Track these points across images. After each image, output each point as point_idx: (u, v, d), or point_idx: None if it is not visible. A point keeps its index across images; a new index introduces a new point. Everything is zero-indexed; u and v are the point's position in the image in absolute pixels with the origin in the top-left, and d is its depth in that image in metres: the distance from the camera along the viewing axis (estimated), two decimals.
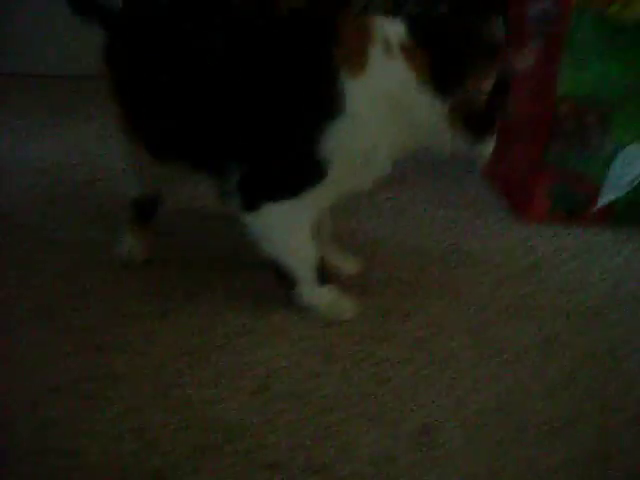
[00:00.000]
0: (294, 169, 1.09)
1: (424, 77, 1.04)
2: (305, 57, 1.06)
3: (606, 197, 1.60)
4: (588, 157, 1.56)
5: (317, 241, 1.17)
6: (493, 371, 1.07)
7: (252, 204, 1.11)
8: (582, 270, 1.41)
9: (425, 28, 1.07)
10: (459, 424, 0.95)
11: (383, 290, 1.28)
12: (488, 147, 1.12)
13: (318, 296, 1.18)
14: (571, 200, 1.61)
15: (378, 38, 1.05)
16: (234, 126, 1.10)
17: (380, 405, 0.98)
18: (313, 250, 1.15)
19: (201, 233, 1.49)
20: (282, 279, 1.17)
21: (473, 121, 1.06)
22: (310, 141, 1.04)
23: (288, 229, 1.13)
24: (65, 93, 2.60)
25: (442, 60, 1.04)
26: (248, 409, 0.96)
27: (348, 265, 1.32)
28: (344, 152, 1.05)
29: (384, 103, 1.05)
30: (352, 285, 1.26)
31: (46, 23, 2.83)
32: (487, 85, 1.04)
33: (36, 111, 2.32)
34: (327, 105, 1.04)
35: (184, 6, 1.17)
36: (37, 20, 2.88)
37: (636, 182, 1.59)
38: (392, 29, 1.06)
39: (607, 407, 1.01)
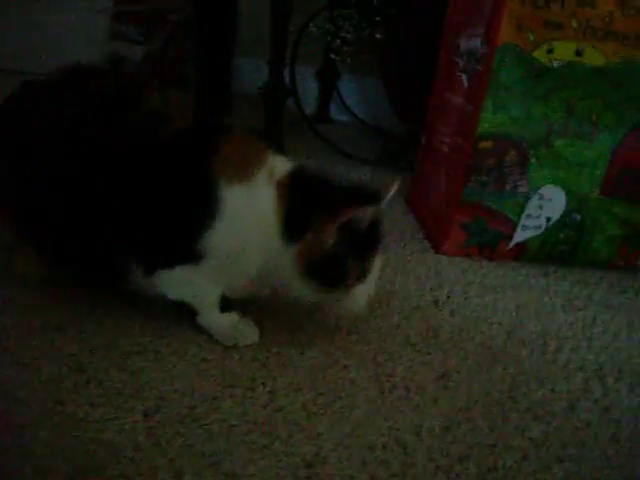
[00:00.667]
0: (173, 249, 1.12)
1: (280, 213, 1.10)
2: (185, 166, 1.11)
3: (520, 236, 1.64)
4: (505, 195, 1.60)
5: None
6: (387, 405, 1.08)
7: (147, 271, 1.14)
8: (489, 307, 1.43)
9: (303, 175, 1.14)
10: (345, 459, 0.95)
11: (284, 317, 1.28)
12: (354, 299, 1.16)
13: (216, 322, 1.18)
14: (486, 236, 1.64)
15: (267, 164, 1.12)
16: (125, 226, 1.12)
17: (269, 435, 0.98)
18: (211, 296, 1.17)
19: None
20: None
21: (316, 270, 1.10)
22: (187, 234, 1.10)
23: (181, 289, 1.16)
24: None
25: (294, 206, 1.10)
26: (138, 431, 0.95)
27: None
28: (216, 247, 1.10)
29: (252, 219, 1.10)
30: (255, 311, 1.25)
31: None
32: (328, 237, 1.08)
33: None
34: (205, 206, 1.09)
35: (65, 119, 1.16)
36: None
37: (550, 223, 1.63)
38: (281, 165, 1.14)
39: (499, 446, 1.02)
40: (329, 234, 1.08)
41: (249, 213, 1.10)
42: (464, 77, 1.65)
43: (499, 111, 1.53)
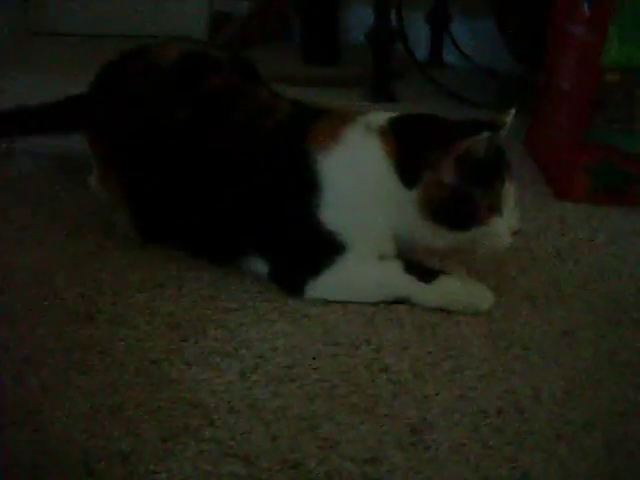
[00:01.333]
0: (309, 247, 1.09)
1: (390, 159, 1.05)
2: (285, 154, 1.10)
3: None
4: (634, 133, 1.45)
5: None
6: (502, 366, 0.98)
7: (294, 290, 1.11)
8: (617, 257, 1.31)
9: (408, 120, 1.11)
10: (454, 424, 0.87)
11: None
12: (490, 243, 1.08)
13: (434, 295, 1.10)
14: (614, 179, 1.50)
15: (358, 122, 1.10)
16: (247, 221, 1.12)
17: (372, 397, 0.91)
18: (392, 270, 1.11)
19: None
20: None
21: (443, 212, 1.04)
22: (308, 220, 1.07)
23: (344, 288, 1.11)
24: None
25: (404, 149, 1.05)
26: (233, 392, 0.91)
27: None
28: (342, 223, 1.06)
29: (361, 175, 1.06)
30: None
31: None
32: (446, 174, 1.02)
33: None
34: (306, 184, 1.07)
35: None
36: None
37: None
38: (376, 117, 1.11)
39: (629, 415, 0.91)
40: (447, 170, 1.02)
41: (355, 171, 1.06)
42: (585, 4, 1.50)
43: (626, 40, 1.38)
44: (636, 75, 1.41)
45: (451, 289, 1.10)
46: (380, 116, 1.11)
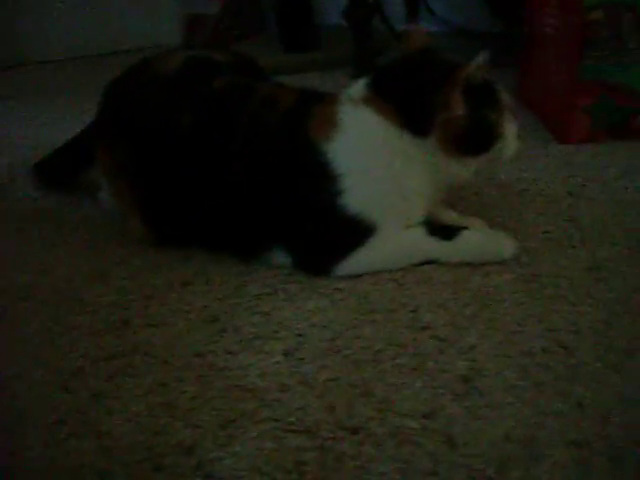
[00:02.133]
0: (335, 233, 1.10)
1: (392, 119, 1.06)
2: (289, 137, 1.11)
3: None
4: (627, 65, 1.46)
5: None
6: (538, 308, 1.00)
7: (321, 271, 1.12)
8: (630, 190, 1.32)
9: (378, 78, 1.11)
10: (503, 368, 0.88)
11: None
12: (504, 151, 1.10)
13: (460, 251, 1.12)
14: (613, 115, 1.50)
15: (343, 101, 1.10)
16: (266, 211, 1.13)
17: (418, 355, 0.92)
18: (417, 236, 1.12)
19: None
20: None
21: (469, 141, 1.06)
22: (331, 208, 1.07)
23: (373, 264, 1.12)
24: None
25: (405, 104, 1.06)
26: (280, 372, 0.92)
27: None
28: (365, 202, 1.07)
29: (370, 147, 1.07)
30: None
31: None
32: (458, 107, 1.03)
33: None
34: (320, 174, 1.07)
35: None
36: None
37: None
38: (353, 89, 1.12)
39: None
40: (458, 103, 1.03)
41: (364, 151, 1.08)
42: None
43: None
44: (619, 7, 1.41)
45: (474, 242, 1.12)
46: (355, 87, 1.11)
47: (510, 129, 1.09)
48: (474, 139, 1.05)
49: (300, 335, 0.98)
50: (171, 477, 0.78)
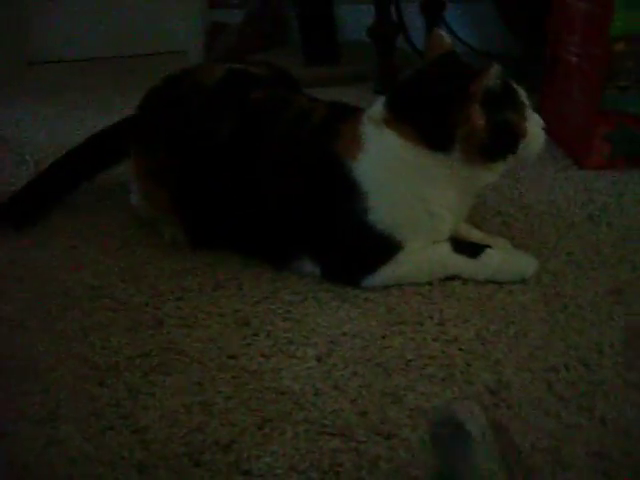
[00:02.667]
0: (363, 248, 1.14)
1: (414, 138, 1.08)
2: (318, 153, 1.15)
3: None
4: None
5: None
6: (561, 325, 1.03)
7: (349, 283, 1.16)
8: None
9: (397, 98, 1.13)
10: (528, 382, 0.92)
11: None
12: (532, 147, 1.12)
13: (483, 269, 1.15)
14: (632, 143, 1.54)
15: (365, 121, 1.13)
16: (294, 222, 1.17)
17: (446, 366, 0.96)
18: (443, 253, 1.15)
19: None
20: None
21: (494, 147, 1.08)
22: (358, 223, 1.11)
23: (400, 278, 1.15)
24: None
25: (423, 123, 1.08)
26: (313, 376, 0.95)
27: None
28: (394, 220, 1.11)
29: (395, 168, 1.10)
30: None
31: None
32: (478, 118, 1.05)
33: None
34: (347, 190, 1.10)
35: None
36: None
37: None
38: (372, 109, 1.14)
39: None
40: (476, 114, 1.04)
41: (388, 171, 1.10)
42: None
43: (633, 7, 1.42)
44: None
45: (497, 261, 1.15)
46: (374, 107, 1.14)
47: (532, 124, 1.11)
48: (498, 144, 1.08)
49: (332, 342, 1.02)
50: (210, 473, 0.81)
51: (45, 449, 0.86)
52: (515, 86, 1.11)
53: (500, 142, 1.08)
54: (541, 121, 1.14)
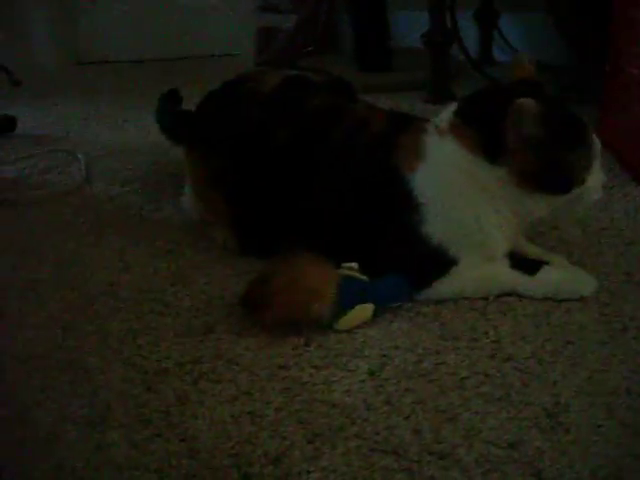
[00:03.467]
0: (418, 261, 1.12)
1: (474, 149, 1.07)
2: (375, 163, 1.14)
3: None
4: None
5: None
6: (622, 347, 1.00)
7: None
8: None
9: (466, 105, 1.13)
10: (588, 406, 0.89)
11: None
12: (584, 199, 1.10)
13: (540, 286, 1.12)
14: None
15: (430, 130, 1.12)
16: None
17: (502, 385, 0.93)
18: (500, 269, 1.14)
19: None
20: None
21: (537, 178, 1.05)
22: (412, 235, 1.10)
23: (455, 293, 1.13)
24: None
25: (482, 129, 1.07)
26: (365, 391, 0.93)
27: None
28: (452, 235, 1.09)
29: (451, 179, 1.09)
30: None
31: None
32: (512, 138, 1.03)
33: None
34: (403, 202, 1.10)
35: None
36: None
37: None
38: (442, 115, 1.13)
39: None
40: (513, 136, 1.02)
41: (446, 184, 1.09)
42: None
43: None
44: None
45: (555, 278, 1.12)
46: (443, 114, 1.13)
47: (595, 178, 1.09)
48: (546, 178, 1.06)
49: (384, 355, 1.00)
50: None
51: (93, 454, 0.85)
52: (593, 136, 1.08)
53: (551, 178, 1.06)
54: (604, 178, 1.11)
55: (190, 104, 1.46)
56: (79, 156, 1.85)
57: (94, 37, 3.19)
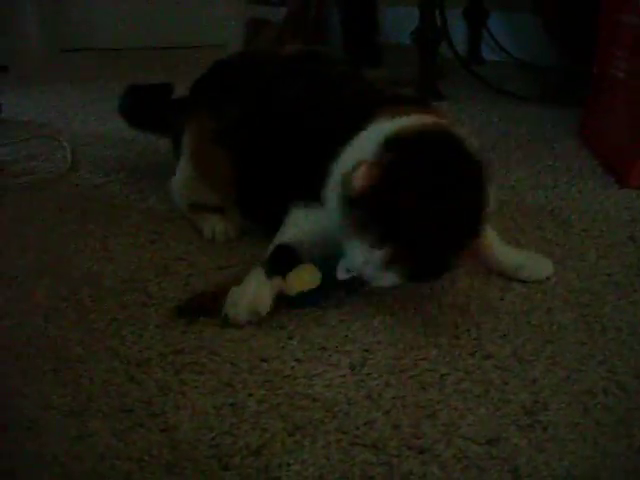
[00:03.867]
0: None
1: None
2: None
3: None
4: None
5: None
6: (600, 348, 1.01)
7: None
8: None
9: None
10: (565, 405, 0.90)
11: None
12: None
13: None
14: None
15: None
16: None
17: (482, 383, 0.94)
18: None
19: None
20: None
21: None
22: None
23: None
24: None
25: None
26: (346, 385, 0.94)
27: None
28: None
29: None
30: None
31: None
32: None
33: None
34: None
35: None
36: None
37: None
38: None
39: None
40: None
41: None
42: None
43: None
44: None
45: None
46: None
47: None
48: None
49: (366, 350, 1.00)
50: (238, 477, 0.80)
51: (74, 443, 0.85)
52: None
53: None
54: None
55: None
56: (64, 144, 1.84)
57: (79, 24, 3.18)
